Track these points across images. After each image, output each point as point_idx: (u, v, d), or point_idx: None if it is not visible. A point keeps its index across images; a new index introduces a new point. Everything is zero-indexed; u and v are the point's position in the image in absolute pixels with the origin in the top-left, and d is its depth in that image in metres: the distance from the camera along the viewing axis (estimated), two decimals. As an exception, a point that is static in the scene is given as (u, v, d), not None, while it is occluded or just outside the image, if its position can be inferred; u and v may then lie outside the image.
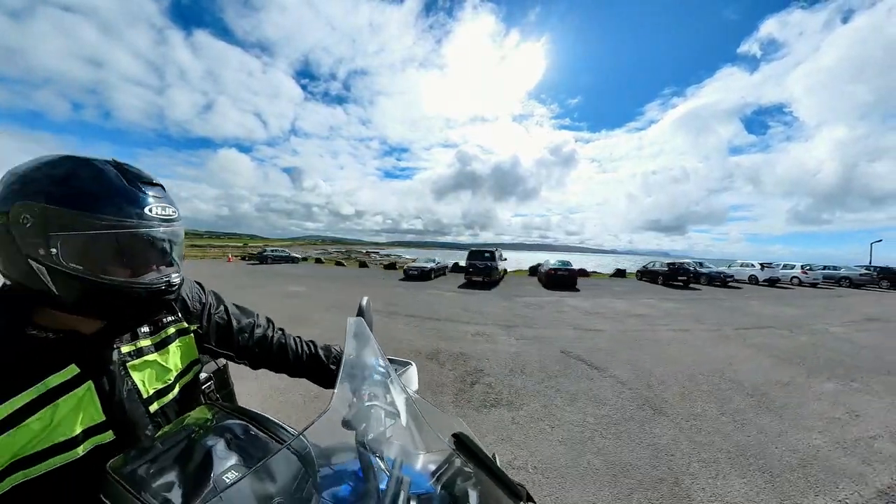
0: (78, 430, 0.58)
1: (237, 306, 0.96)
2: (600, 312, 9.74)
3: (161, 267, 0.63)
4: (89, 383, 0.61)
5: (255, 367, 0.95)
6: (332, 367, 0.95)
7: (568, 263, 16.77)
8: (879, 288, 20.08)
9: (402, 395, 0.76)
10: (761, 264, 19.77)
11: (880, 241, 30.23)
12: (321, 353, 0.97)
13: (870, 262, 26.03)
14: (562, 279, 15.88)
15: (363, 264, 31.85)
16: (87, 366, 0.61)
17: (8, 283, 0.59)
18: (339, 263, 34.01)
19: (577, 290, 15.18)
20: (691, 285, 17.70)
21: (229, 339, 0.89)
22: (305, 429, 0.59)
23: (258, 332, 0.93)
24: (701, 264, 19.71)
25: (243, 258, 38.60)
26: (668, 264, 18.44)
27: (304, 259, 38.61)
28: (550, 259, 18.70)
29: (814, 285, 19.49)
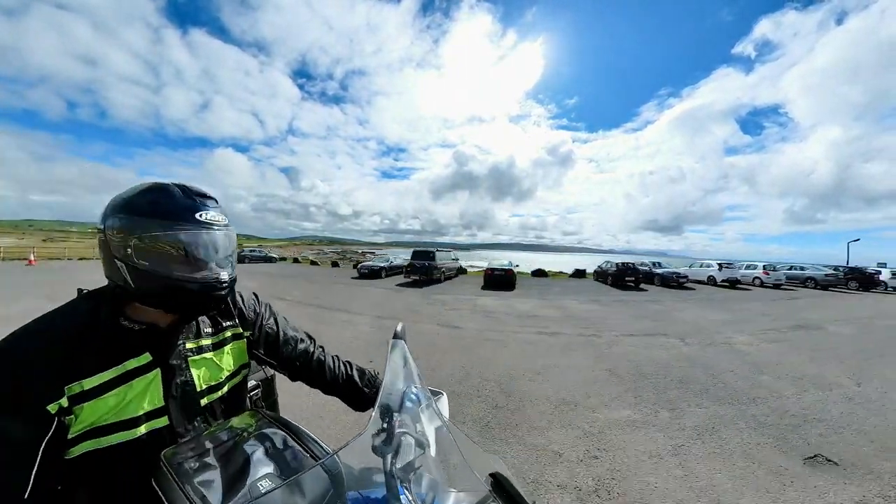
0: (142, 412, 0.69)
1: (286, 320, 1.03)
2: (497, 312, 9.44)
3: (212, 266, 0.71)
4: (157, 370, 0.72)
5: (293, 378, 1.01)
6: (366, 389, 0.98)
7: (509, 264, 16.52)
8: (847, 289, 19.28)
9: (436, 424, 0.77)
10: (720, 264, 18.89)
11: (857, 240, 29.17)
12: (356, 374, 1.00)
13: (847, 262, 25.08)
14: (499, 279, 15.88)
15: (335, 264, 31.80)
16: (158, 355, 0.73)
17: (110, 283, 0.72)
18: (313, 263, 34.22)
19: (513, 290, 14.90)
20: (643, 286, 17.20)
21: (276, 348, 0.97)
22: (340, 449, 0.62)
23: (301, 346, 1.00)
24: (658, 264, 19.14)
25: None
26: (619, 264, 17.87)
27: (283, 259, 39.18)
28: (502, 259, 18.37)
29: (777, 286, 18.81)
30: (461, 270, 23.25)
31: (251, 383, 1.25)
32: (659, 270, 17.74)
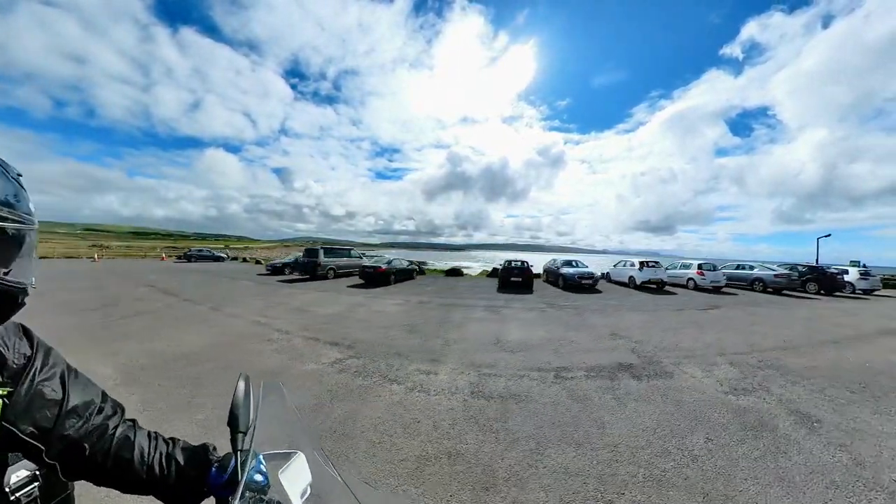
0: None
1: (78, 374, 0.64)
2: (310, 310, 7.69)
3: None
4: None
5: (67, 474, 0.58)
6: (194, 474, 0.65)
7: (390, 261, 15.28)
8: (804, 293, 16.64)
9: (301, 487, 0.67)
10: (641, 262, 16.47)
11: (828, 235, 26.14)
12: (181, 457, 0.66)
13: (816, 260, 22.29)
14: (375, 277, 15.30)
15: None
16: None
17: None
18: (258, 262, 33.32)
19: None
20: (544, 288, 15.23)
21: (50, 421, 0.55)
22: None
23: (96, 419, 0.61)
24: (574, 263, 16.96)
25: (179, 258, 38.16)
26: (508, 262, 16.67)
27: (234, 259, 38.67)
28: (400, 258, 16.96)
29: (716, 289, 16.29)
30: (419, 272, 21.75)
31: (21, 474, 0.73)
32: (566, 270, 15.58)
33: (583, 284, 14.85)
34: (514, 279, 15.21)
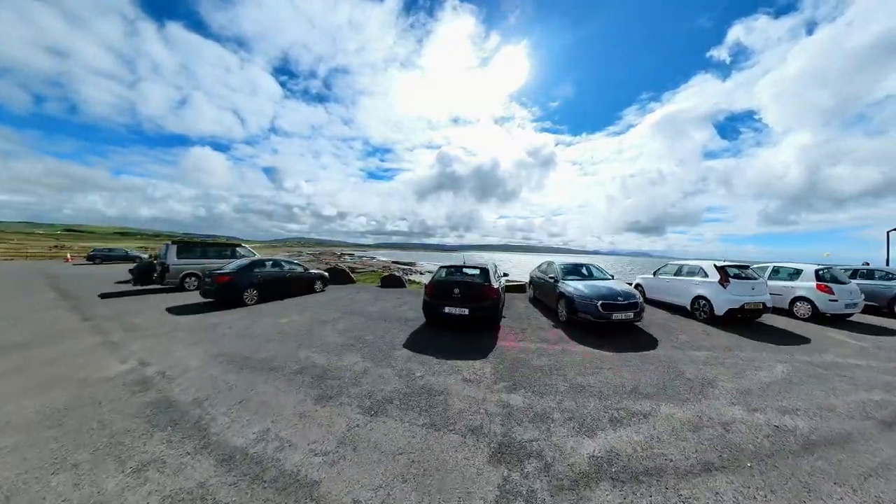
0: None
1: None
2: None
3: None
4: None
5: None
6: None
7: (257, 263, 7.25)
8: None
9: None
10: (721, 268, 9.16)
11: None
12: None
13: (887, 261, 15.10)
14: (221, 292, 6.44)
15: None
16: None
17: None
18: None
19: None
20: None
21: None
22: None
23: None
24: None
25: (87, 258, 31.02)
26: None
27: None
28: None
29: (842, 317, 8.78)
30: (323, 282, 14.16)
31: None
32: (572, 288, 7.89)
33: (613, 321, 6.84)
34: (451, 310, 6.56)
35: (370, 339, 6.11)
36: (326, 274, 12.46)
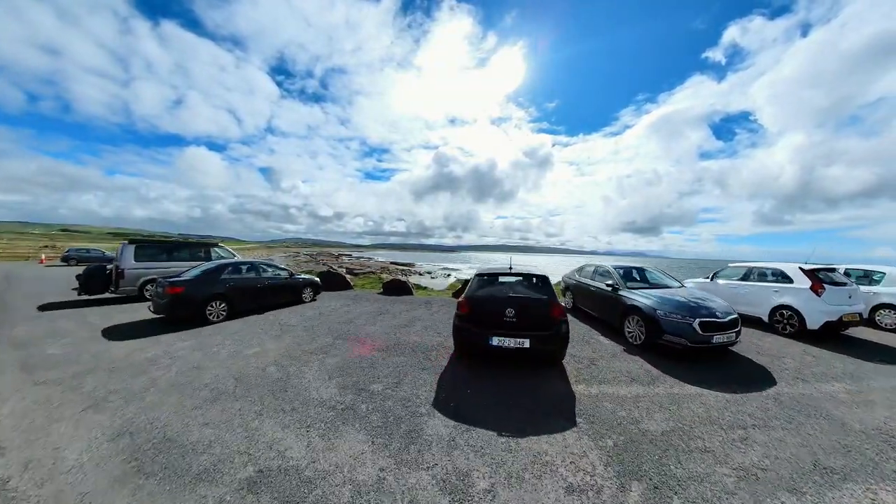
0: None
1: None
2: None
3: None
4: None
5: None
6: None
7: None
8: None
9: None
10: (810, 272, 7.32)
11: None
12: None
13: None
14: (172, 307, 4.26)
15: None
16: None
17: None
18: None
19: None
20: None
21: None
22: None
23: None
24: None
25: (62, 259, 28.67)
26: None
27: None
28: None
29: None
30: (315, 288, 11.80)
31: None
32: (646, 302, 5.79)
33: (713, 345, 4.84)
34: (502, 341, 4.19)
35: (378, 392, 3.93)
36: (318, 280, 10.23)
